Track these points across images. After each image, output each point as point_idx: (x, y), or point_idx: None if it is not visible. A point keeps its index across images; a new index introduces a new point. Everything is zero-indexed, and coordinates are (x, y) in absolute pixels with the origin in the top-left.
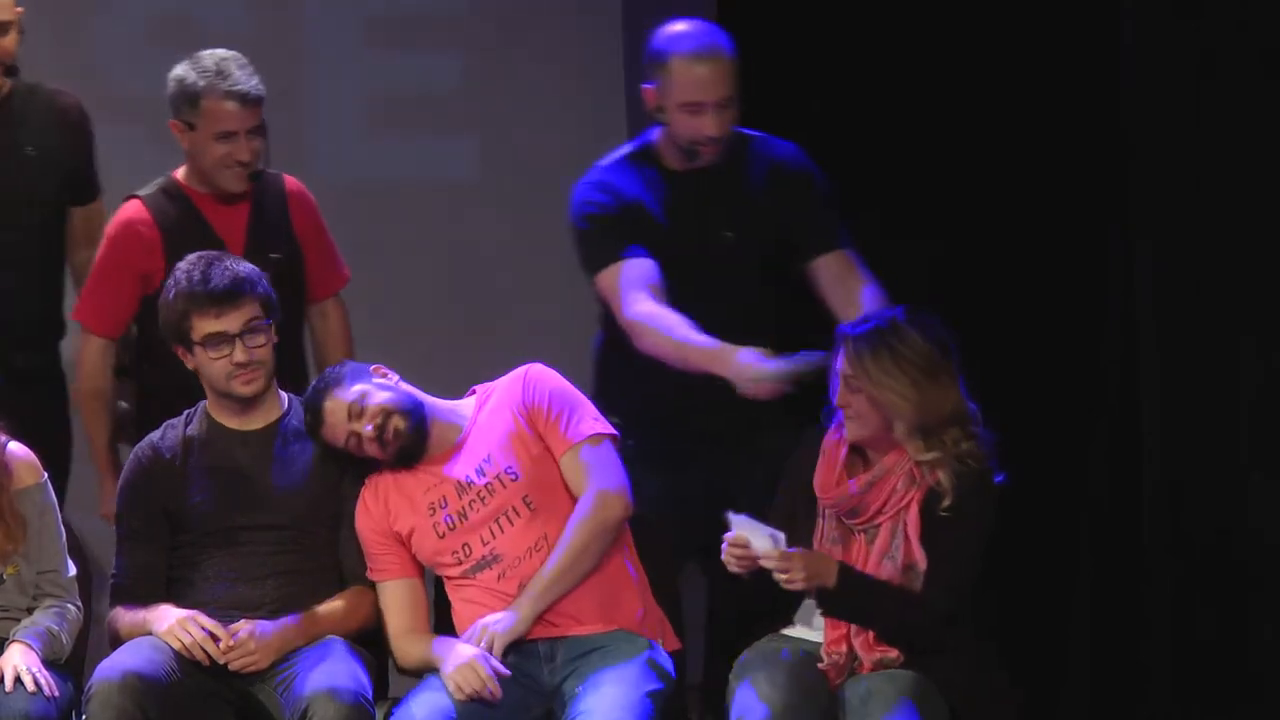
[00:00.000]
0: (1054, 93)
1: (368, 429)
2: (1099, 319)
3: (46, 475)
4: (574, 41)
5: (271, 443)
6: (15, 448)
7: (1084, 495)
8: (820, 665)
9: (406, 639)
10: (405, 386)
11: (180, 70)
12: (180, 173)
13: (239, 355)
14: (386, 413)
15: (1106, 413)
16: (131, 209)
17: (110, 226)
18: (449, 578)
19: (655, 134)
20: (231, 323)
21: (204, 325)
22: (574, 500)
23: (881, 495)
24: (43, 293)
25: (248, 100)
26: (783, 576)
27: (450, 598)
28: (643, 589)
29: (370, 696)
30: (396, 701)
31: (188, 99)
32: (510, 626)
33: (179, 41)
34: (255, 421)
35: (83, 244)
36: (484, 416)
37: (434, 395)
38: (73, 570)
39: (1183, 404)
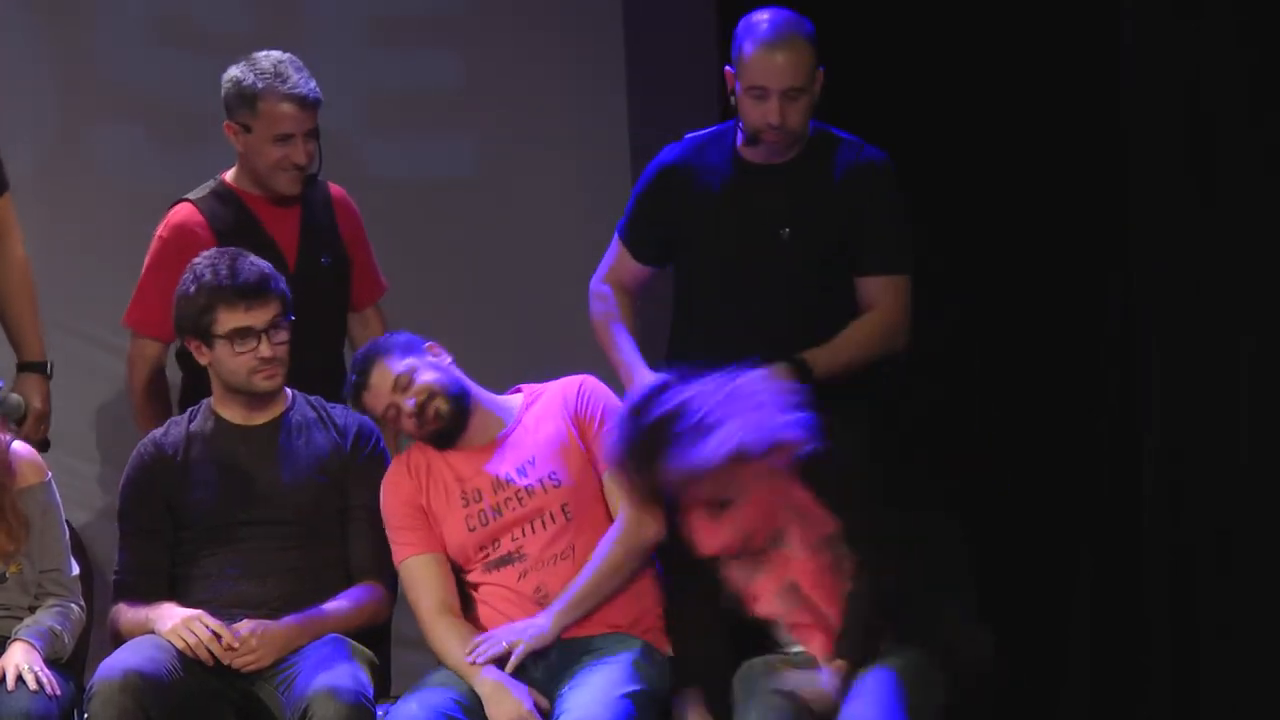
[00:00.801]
0: (1054, 93)
1: (409, 404)
2: (1099, 319)
3: (50, 474)
4: (575, 41)
5: (275, 438)
6: (19, 446)
7: (1084, 495)
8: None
9: (444, 620)
10: (455, 370)
11: (236, 72)
12: (230, 175)
13: (265, 351)
14: (431, 392)
15: (1106, 413)
16: (184, 211)
17: (162, 229)
18: (468, 572)
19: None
20: (258, 318)
21: (231, 320)
22: (610, 516)
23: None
24: None
25: (306, 103)
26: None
27: (469, 597)
28: (653, 593)
29: (371, 696)
30: (398, 700)
31: (245, 101)
32: (538, 636)
33: (179, 41)
34: (259, 417)
35: None
36: (531, 417)
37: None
38: (75, 570)
39: (1183, 404)
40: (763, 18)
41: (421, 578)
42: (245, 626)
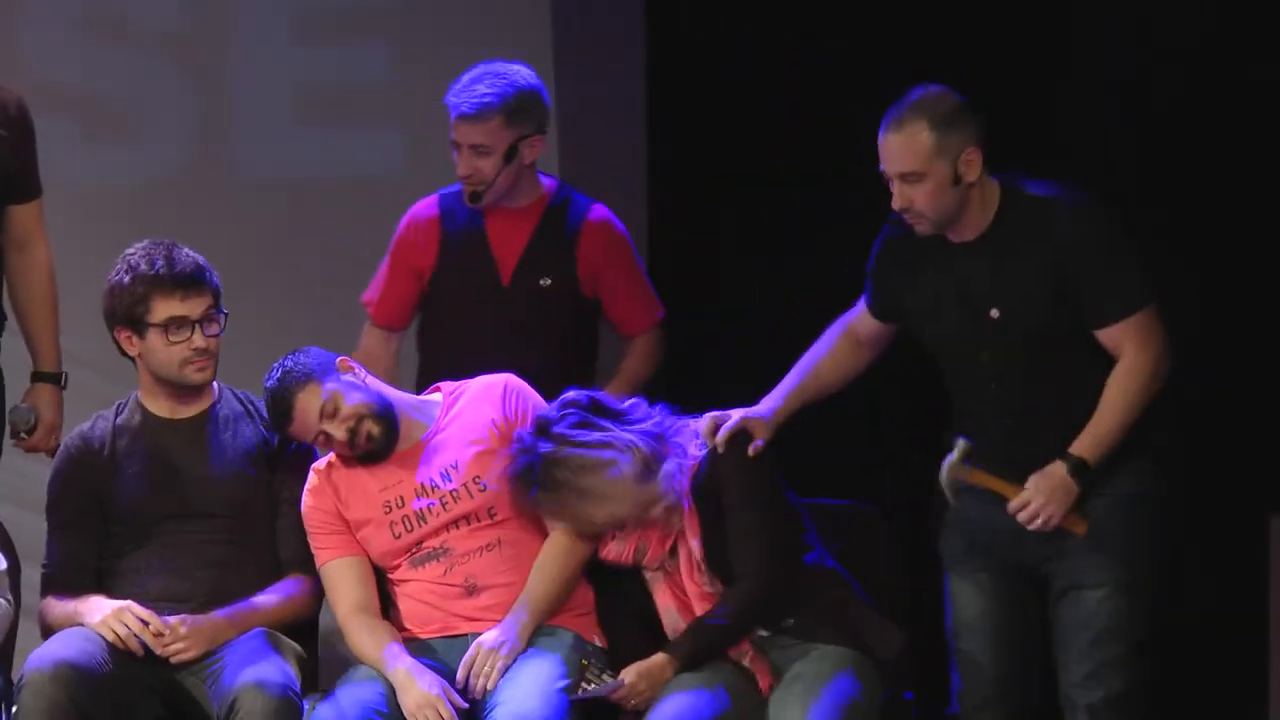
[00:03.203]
0: (1049, 93)
1: (339, 431)
2: None
3: None
4: (501, 34)
5: (203, 431)
6: None
7: None
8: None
9: (357, 619)
10: (373, 384)
11: None
12: None
13: (198, 341)
14: (360, 416)
15: None
16: (426, 203)
17: (405, 215)
18: (393, 569)
19: None
20: (194, 308)
21: (166, 309)
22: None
23: (634, 538)
24: None
25: (460, 114)
26: (634, 703)
27: (392, 593)
28: (581, 586)
29: (298, 689)
30: (326, 694)
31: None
32: (511, 649)
33: (107, 33)
34: (186, 410)
35: (18, 246)
36: (453, 419)
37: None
38: (3, 564)
39: (1182, 401)
40: (906, 98)
41: (340, 581)
42: (174, 618)
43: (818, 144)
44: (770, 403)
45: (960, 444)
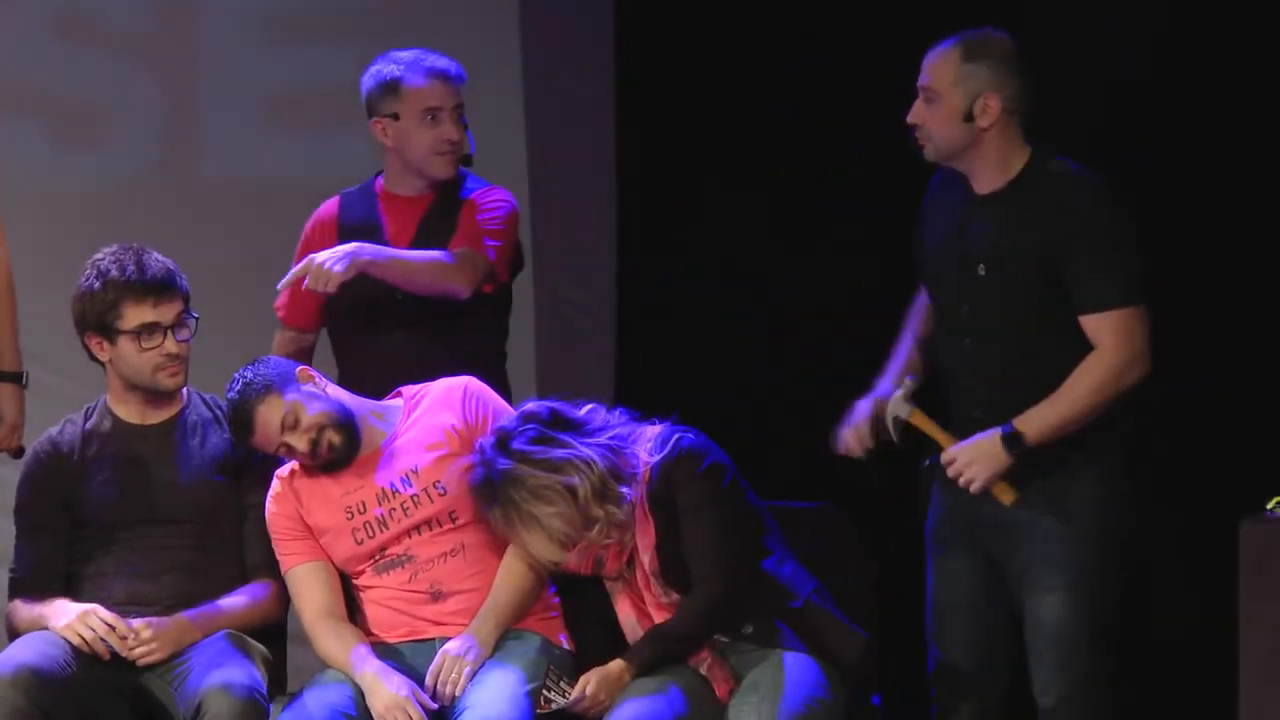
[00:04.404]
0: (1050, 90)
1: (301, 443)
2: None
3: None
4: (471, 41)
5: (171, 436)
6: None
7: None
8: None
9: (324, 623)
10: (333, 392)
11: (373, 69)
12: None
13: (170, 347)
14: (321, 427)
15: None
16: (328, 203)
17: (310, 218)
18: (356, 575)
19: None
20: (165, 314)
21: (137, 315)
22: None
23: (592, 551)
24: None
25: (449, 78)
26: (595, 710)
27: (358, 599)
28: (547, 589)
29: (264, 691)
30: (293, 696)
31: (388, 90)
32: (477, 655)
33: (78, 35)
34: (155, 416)
35: None
36: (413, 424)
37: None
38: None
39: (1183, 400)
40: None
41: (306, 585)
42: (139, 620)
43: (803, 143)
44: (891, 379)
45: (906, 381)
